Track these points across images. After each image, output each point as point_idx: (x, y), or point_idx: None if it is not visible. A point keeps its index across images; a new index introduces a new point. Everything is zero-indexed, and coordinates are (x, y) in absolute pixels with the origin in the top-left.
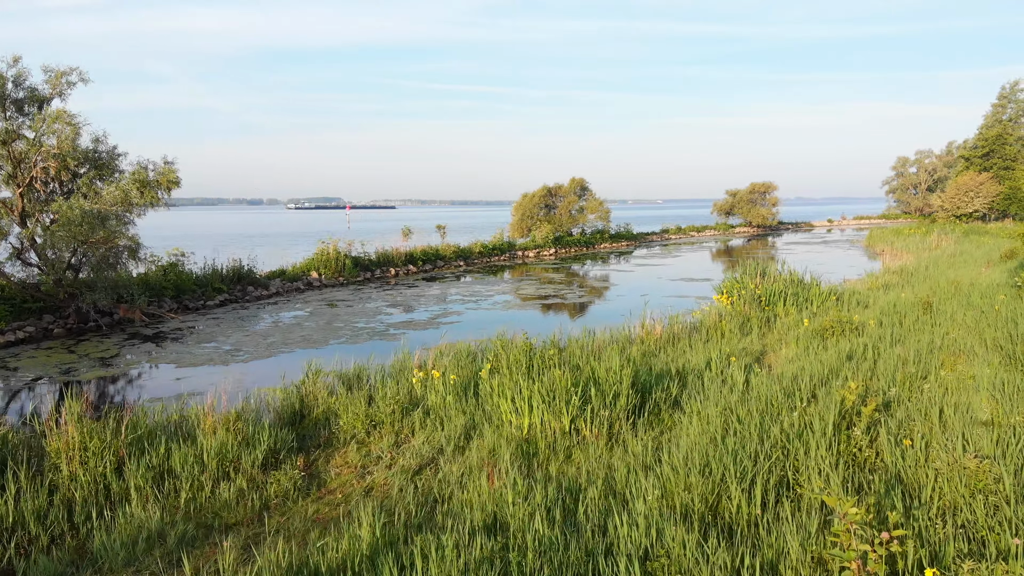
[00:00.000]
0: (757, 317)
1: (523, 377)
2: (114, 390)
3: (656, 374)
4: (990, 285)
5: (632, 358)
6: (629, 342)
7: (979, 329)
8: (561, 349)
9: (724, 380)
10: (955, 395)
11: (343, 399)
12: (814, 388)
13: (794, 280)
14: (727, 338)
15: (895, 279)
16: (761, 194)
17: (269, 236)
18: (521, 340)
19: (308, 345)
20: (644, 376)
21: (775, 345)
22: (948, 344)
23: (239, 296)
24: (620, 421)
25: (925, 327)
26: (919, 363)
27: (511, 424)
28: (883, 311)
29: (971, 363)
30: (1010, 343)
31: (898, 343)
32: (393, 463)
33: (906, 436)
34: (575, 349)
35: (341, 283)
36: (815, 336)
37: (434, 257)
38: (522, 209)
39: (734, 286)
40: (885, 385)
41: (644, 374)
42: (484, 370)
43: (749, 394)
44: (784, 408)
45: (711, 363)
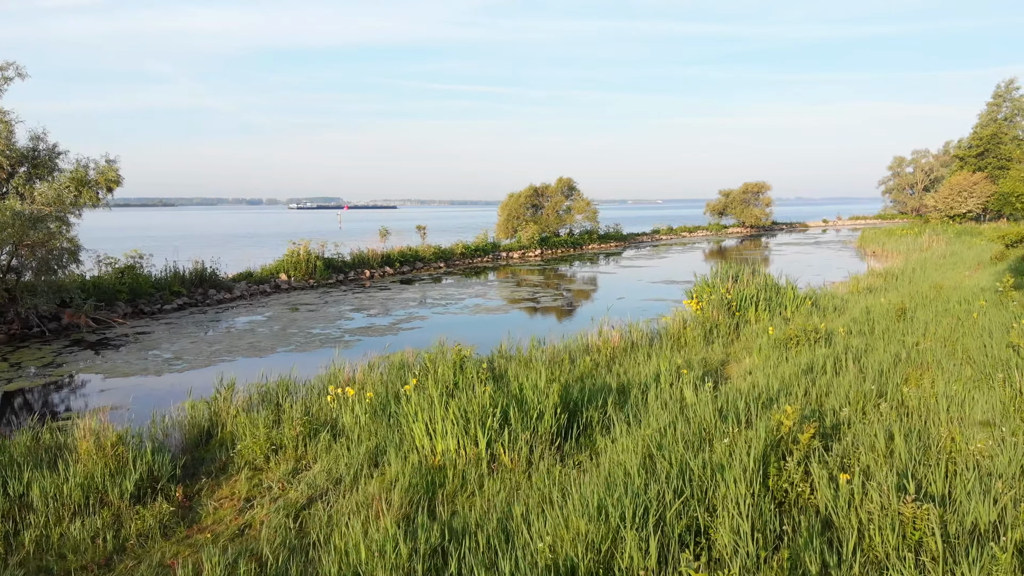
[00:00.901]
0: (726, 323)
1: (445, 395)
2: (22, 404)
3: (594, 390)
4: (974, 289)
5: (558, 376)
6: (584, 352)
7: (953, 339)
8: (493, 362)
9: (671, 396)
10: (912, 418)
11: (242, 419)
12: (762, 406)
13: (768, 284)
14: (689, 347)
15: (879, 282)
16: (754, 194)
17: (262, 236)
18: (453, 352)
19: (253, 353)
20: (576, 394)
21: (739, 354)
22: (916, 356)
23: (199, 300)
24: (543, 445)
25: (896, 336)
26: (882, 377)
27: (424, 449)
28: (855, 318)
29: (940, 378)
30: (983, 354)
31: (864, 354)
32: (282, 495)
33: (847, 468)
34: (517, 361)
35: (311, 286)
36: (779, 346)
37: (412, 259)
38: (508, 209)
39: (704, 290)
40: (838, 404)
41: (576, 391)
42: (408, 386)
43: (687, 414)
44: (717, 433)
45: (660, 376)
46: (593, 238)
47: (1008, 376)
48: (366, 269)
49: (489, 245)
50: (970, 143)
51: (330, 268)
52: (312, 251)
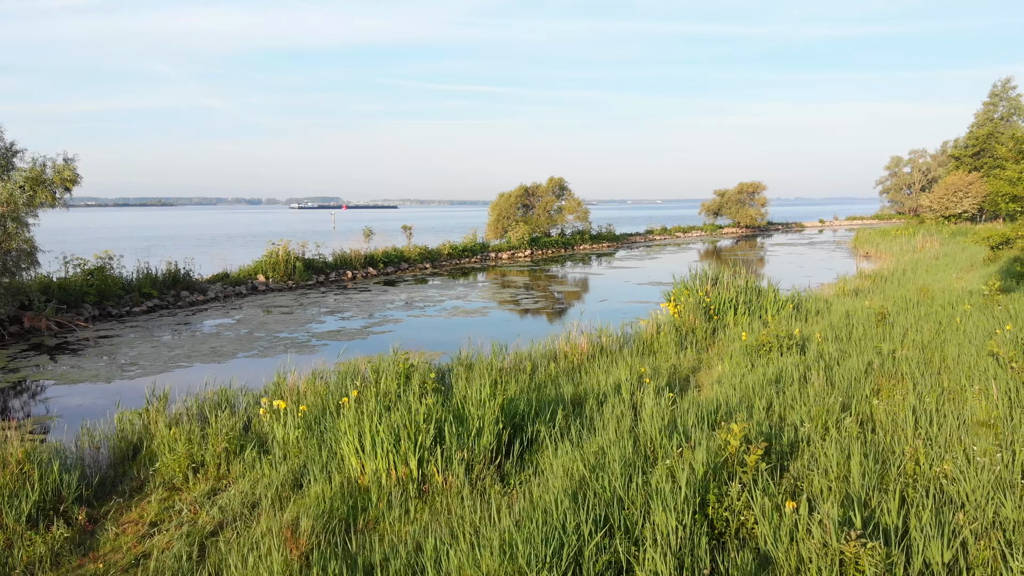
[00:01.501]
0: (702, 328)
1: (380, 409)
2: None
3: (545, 402)
4: (962, 292)
5: (502, 388)
6: (550, 358)
7: (933, 346)
8: (450, 371)
9: (628, 408)
10: (878, 434)
11: (169, 433)
12: (721, 419)
13: (749, 287)
14: (661, 353)
15: (866, 284)
16: (749, 194)
17: (254, 236)
18: (400, 361)
19: (212, 359)
20: (522, 407)
21: (712, 361)
22: (891, 365)
23: (171, 302)
24: (481, 465)
25: (873, 343)
26: (852, 389)
27: (353, 469)
28: (834, 323)
29: (913, 389)
30: (961, 363)
31: (838, 363)
32: (192, 520)
33: (798, 494)
34: (478, 369)
35: (289, 287)
36: (752, 352)
37: (397, 259)
38: (498, 209)
39: (682, 293)
40: (800, 418)
41: (523, 404)
42: (346, 399)
43: (637, 429)
44: (662, 452)
45: (621, 386)
46: (585, 238)
47: (985, 388)
48: (348, 270)
49: (478, 246)
50: (966, 143)
51: (310, 269)
52: (292, 252)
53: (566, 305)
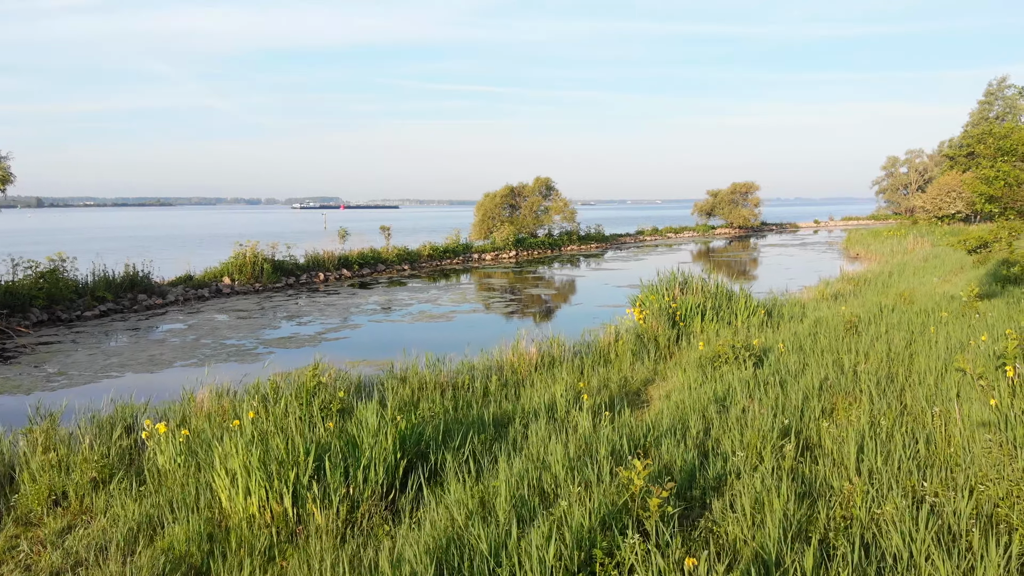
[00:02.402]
0: (666, 335)
1: (255, 434)
2: None
3: (465, 425)
4: (943, 297)
5: (397, 413)
6: (495, 370)
7: (901, 359)
8: (373, 387)
9: (562, 428)
10: (820, 464)
11: (40, 459)
12: (650, 444)
13: (720, 291)
14: (618, 363)
15: (848, 288)
16: (743, 194)
17: (244, 236)
18: (307, 376)
19: (147, 368)
20: (429, 432)
21: (669, 372)
22: (849, 381)
23: (126, 306)
24: (369, 503)
25: (840, 354)
26: (804, 406)
27: (224, 504)
28: (800, 332)
29: (867, 410)
30: (922, 381)
31: (796, 376)
32: (28, 565)
33: (709, 544)
34: (411, 384)
35: (256, 290)
36: (706, 364)
37: (373, 260)
38: (483, 209)
39: (648, 298)
40: (737, 444)
41: (431, 429)
42: (237, 422)
43: (551, 458)
44: (563, 493)
45: (556, 404)
46: (573, 239)
47: (946, 410)
48: (320, 272)
49: (460, 247)
50: (960, 142)
51: (280, 271)
52: (259, 253)
53: (538, 309)
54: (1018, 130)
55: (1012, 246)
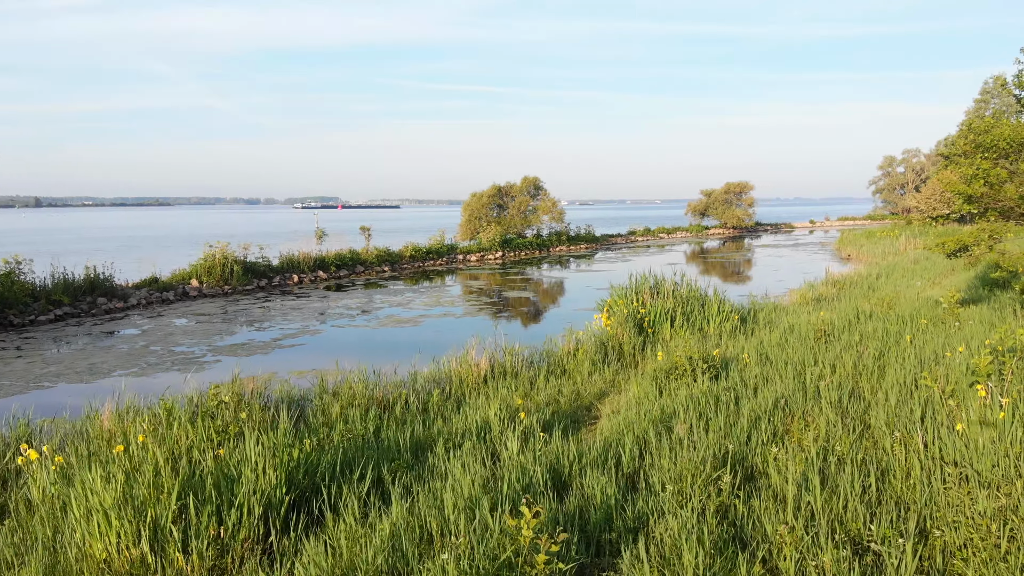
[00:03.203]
0: (631, 343)
1: (119, 466)
2: None
3: (371, 452)
4: (927, 302)
5: (285, 445)
6: (442, 382)
7: (869, 372)
8: (298, 404)
9: (490, 453)
10: (755, 501)
11: None
12: (573, 475)
13: (692, 296)
14: (577, 374)
15: (832, 291)
16: (736, 194)
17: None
18: (209, 396)
19: (84, 378)
20: (326, 460)
21: (627, 384)
22: (807, 399)
23: (84, 310)
24: (243, 545)
25: (806, 366)
26: (752, 429)
27: (82, 546)
28: (770, 341)
29: (821, 434)
30: (888, 398)
31: (755, 392)
32: None
33: None
34: (338, 398)
35: (225, 293)
36: (662, 377)
37: (351, 262)
38: (470, 209)
39: (617, 303)
40: (666, 478)
41: (328, 459)
42: (120, 447)
43: (454, 493)
44: (447, 545)
45: (490, 424)
46: (562, 240)
47: (908, 435)
48: (295, 274)
49: (444, 247)
50: (955, 140)
51: (251, 273)
52: (230, 254)
53: (512, 312)
54: (1000, 125)
55: (993, 249)
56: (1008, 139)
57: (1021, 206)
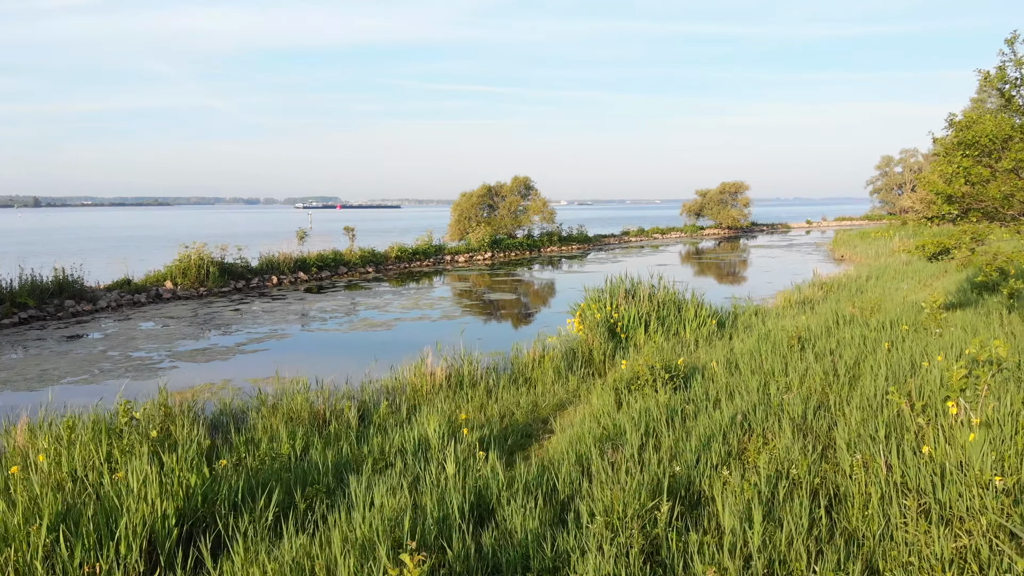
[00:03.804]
0: (601, 349)
1: None
2: None
3: (287, 476)
4: (914, 306)
5: (184, 464)
6: (394, 393)
7: (840, 385)
8: (236, 416)
9: (424, 475)
10: (691, 536)
11: None
12: (494, 506)
13: (669, 299)
14: (540, 383)
15: (819, 294)
16: (732, 194)
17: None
18: (121, 410)
19: (33, 385)
20: (229, 487)
21: (590, 394)
22: (768, 417)
23: (51, 312)
24: None
25: (773, 376)
26: (704, 449)
27: None
28: (741, 348)
29: (775, 457)
30: (854, 415)
31: (714, 405)
32: None
33: None
34: (277, 412)
35: (200, 295)
36: (623, 388)
37: (334, 263)
38: (459, 209)
39: (590, 307)
40: (597, 508)
41: (233, 483)
42: (29, 465)
43: (363, 526)
44: None
45: (429, 442)
46: (553, 240)
47: (869, 458)
48: (274, 275)
49: (432, 248)
50: (937, 138)
51: (228, 274)
52: (206, 255)
53: (491, 315)
54: (982, 120)
55: (976, 252)
56: (991, 135)
57: (1005, 207)
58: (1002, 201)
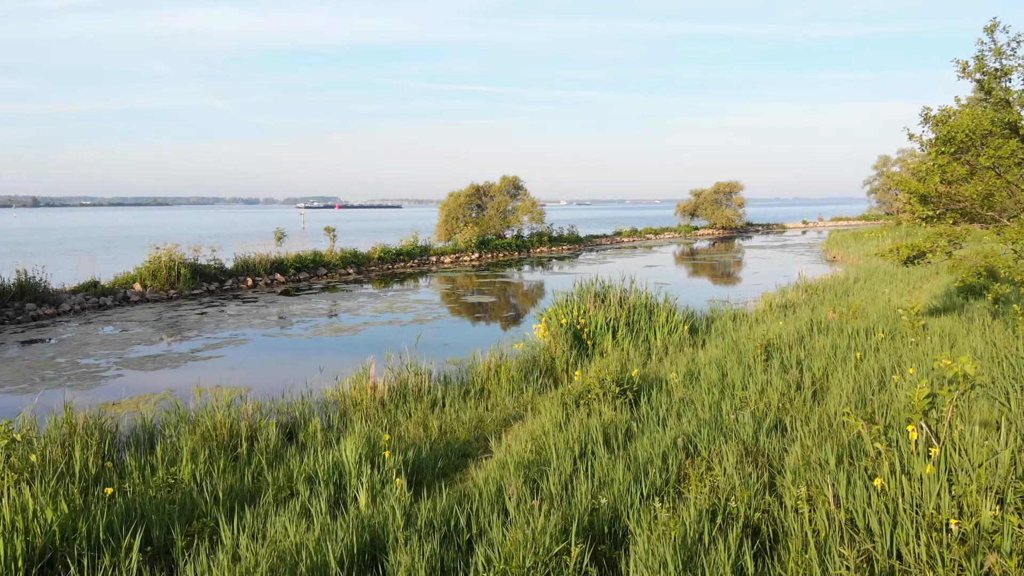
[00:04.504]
0: (564, 357)
1: None
2: None
3: (171, 508)
4: (895, 311)
5: (41, 499)
6: (328, 406)
7: (799, 400)
8: (151, 434)
9: (338, 501)
10: None
11: None
12: (390, 548)
13: (640, 303)
14: (493, 394)
15: (802, 297)
16: (726, 194)
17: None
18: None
19: None
20: (83, 526)
21: (543, 407)
22: (714, 440)
23: (10, 316)
24: None
25: (732, 390)
26: (636, 477)
27: None
28: (703, 359)
29: (714, 486)
30: (809, 439)
31: (661, 424)
32: None
33: None
34: (198, 428)
35: (169, 297)
36: (571, 403)
37: (313, 264)
38: (447, 209)
39: (557, 312)
40: (487, 560)
41: (96, 523)
42: None
43: None
44: None
45: (346, 468)
46: (543, 240)
47: (817, 491)
48: (249, 277)
49: (417, 249)
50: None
51: (200, 276)
52: (177, 257)
53: (467, 319)
54: (959, 114)
55: (952, 256)
56: (967, 129)
57: (984, 207)
58: (981, 201)
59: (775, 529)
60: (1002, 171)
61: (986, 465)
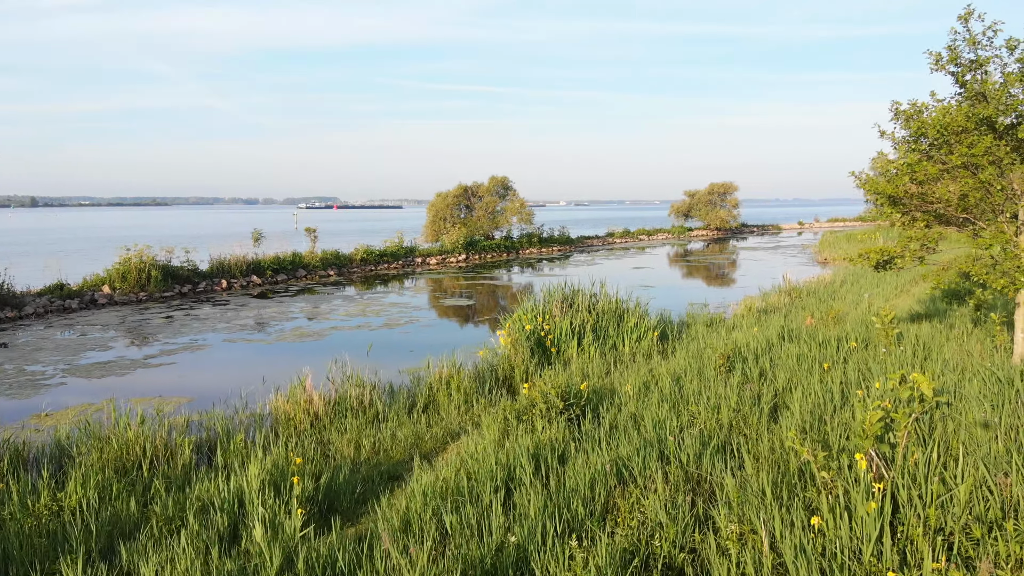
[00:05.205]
0: (524, 366)
1: None
2: None
3: (42, 541)
4: (872, 318)
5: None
6: (261, 421)
7: (753, 419)
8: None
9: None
10: None
11: None
12: None
13: (608, 310)
14: (446, 409)
15: (784, 301)
16: (720, 195)
17: (231, 236)
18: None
19: None
20: None
21: (488, 423)
22: (658, 461)
23: None
24: None
25: (686, 406)
26: (555, 511)
27: None
28: (671, 368)
29: (656, 515)
30: (758, 465)
31: (600, 444)
32: None
33: None
34: (109, 446)
35: (139, 300)
36: (513, 419)
37: (291, 266)
38: (435, 210)
39: (522, 319)
40: None
41: None
42: None
43: None
44: None
45: (247, 496)
46: (533, 242)
47: (748, 531)
48: (223, 279)
49: (403, 250)
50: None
51: (173, 278)
52: (149, 258)
53: (441, 323)
54: (930, 109)
55: (924, 260)
56: (939, 125)
57: (958, 208)
58: (957, 203)
59: (699, 574)
60: (976, 170)
61: (936, 504)
